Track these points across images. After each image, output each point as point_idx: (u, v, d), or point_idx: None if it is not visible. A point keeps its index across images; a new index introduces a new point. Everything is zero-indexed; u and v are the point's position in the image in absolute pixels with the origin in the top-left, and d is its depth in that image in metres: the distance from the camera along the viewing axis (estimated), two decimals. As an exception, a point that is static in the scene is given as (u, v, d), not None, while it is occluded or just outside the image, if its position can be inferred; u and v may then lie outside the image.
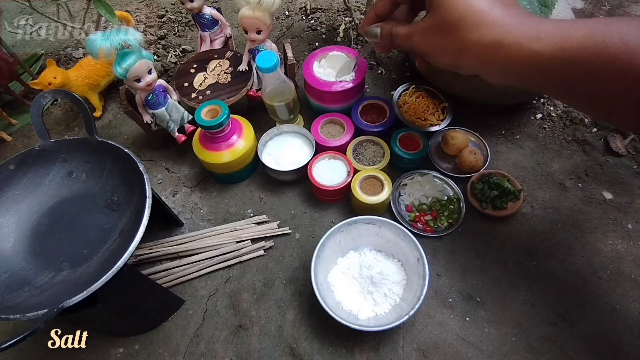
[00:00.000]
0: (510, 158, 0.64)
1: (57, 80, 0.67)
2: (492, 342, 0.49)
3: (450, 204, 0.58)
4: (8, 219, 0.46)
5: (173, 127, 0.63)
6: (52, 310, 0.35)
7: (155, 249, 0.58)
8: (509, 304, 0.52)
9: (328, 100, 0.65)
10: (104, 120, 0.75)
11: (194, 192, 0.65)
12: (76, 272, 0.43)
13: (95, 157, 0.50)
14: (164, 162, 0.69)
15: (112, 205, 0.48)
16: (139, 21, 0.89)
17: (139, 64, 0.54)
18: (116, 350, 0.52)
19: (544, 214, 0.59)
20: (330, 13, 0.90)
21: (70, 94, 0.49)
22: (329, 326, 0.51)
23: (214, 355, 0.51)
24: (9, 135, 0.75)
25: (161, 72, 0.80)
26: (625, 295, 0.51)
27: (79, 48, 0.86)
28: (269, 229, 0.59)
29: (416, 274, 0.50)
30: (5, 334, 0.55)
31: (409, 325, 0.51)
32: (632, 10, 0.84)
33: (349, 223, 0.53)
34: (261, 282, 0.56)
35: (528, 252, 0.56)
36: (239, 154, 0.59)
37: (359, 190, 0.56)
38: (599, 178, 0.62)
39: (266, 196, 0.64)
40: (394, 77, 0.77)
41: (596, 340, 0.49)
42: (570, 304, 0.51)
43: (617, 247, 0.55)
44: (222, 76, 0.66)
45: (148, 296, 0.50)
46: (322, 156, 0.61)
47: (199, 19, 0.69)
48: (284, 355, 0.50)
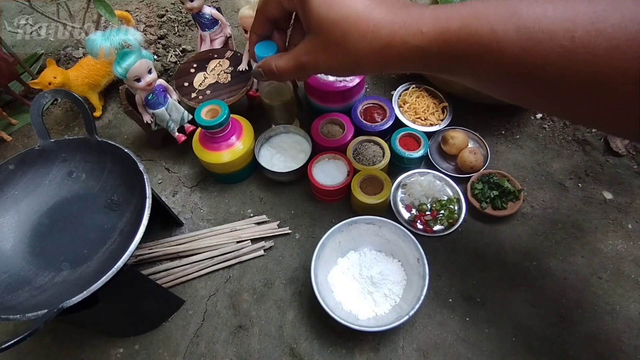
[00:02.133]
0: (510, 158, 0.64)
1: (57, 80, 0.67)
2: (492, 342, 0.49)
3: (450, 204, 0.58)
4: (8, 219, 0.46)
5: (173, 127, 0.63)
6: (52, 311, 0.35)
7: (155, 249, 0.58)
8: (509, 304, 0.52)
9: (328, 100, 0.65)
10: (104, 120, 0.75)
11: (194, 192, 0.65)
12: (76, 272, 0.43)
13: (95, 157, 0.50)
14: (164, 162, 0.69)
15: (112, 205, 0.48)
16: (139, 21, 0.89)
17: (139, 64, 0.54)
18: (116, 350, 0.52)
19: (544, 214, 0.59)
20: (330, 13, 0.90)
21: (70, 94, 0.49)
22: (329, 326, 0.51)
23: (214, 355, 0.51)
24: (9, 135, 0.75)
25: (161, 72, 0.80)
26: (625, 295, 0.51)
27: (79, 48, 0.86)
28: (269, 229, 0.59)
29: (416, 274, 0.50)
30: (5, 334, 0.55)
31: (409, 326, 0.51)
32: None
33: (349, 223, 0.53)
34: (261, 282, 0.56)
35: (528, 252, 0.56)
36: (239, 153, 0.59)
37: (359, 190, 0.56)
38: (599, 178, 0.62)
39: (266, 196, 0.64)
40: (394, 77, 0.77)
41: (596, 340, 0.49)
42: (570, 304, 0.51)
43: (617, 247, 0.55)
44: (222, 76, 0.66)
45: (148, 296, 0.50)
46: (322, 156, 0.61)
47: (199, 18, 0.69)
48: (284, 356, 0.50)
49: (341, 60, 0.35)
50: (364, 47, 0.33)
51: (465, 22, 0.29)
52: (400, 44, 0.32)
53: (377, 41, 0.32)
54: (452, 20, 0.30)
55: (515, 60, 0.27)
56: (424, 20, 0.31)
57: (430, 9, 0.31)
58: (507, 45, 0.27)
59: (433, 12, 0.31)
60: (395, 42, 0.32)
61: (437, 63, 0.32)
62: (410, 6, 0.33)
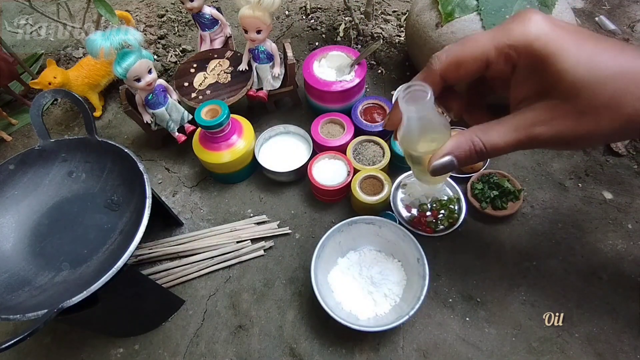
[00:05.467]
0: (510, 158, 0.64)
1: (57, 80, 0.67)
2: (492, 342, 0.49)
3: (450, 204, 0.58)
4: (8, 219, 0.46)
5: (173, 127, 0.63)
6: (52, 311, 0.35)
7: (155, 249, 0.58)
8: (509, 304, 0.52)
9: (328, 100, 0.65)
10: (104, 120, 0.75)
11: (194, 192, 0.65)
12: (76, 272, 0.43)
13: (95, 157, 0.50)
14: (164, 162, 0.69)
15: (112, 205, 0.48)
16: (139, 21, 0.89)
17: (138, 64, 0.54)
18: (116, 351, 0.52)
19: (544, 214, 0.59)
20: (330, 13, 0.90)
21: (70, 94, 0.49)
22: (329, 326, 0.51)
23: (214, 355, 0.51)
24: (9, 135, 0.75)
25: (161, 72, 0.80)
26: (625, 295, 0.51)
27: (79, 48, 0.86)
28: (269, 229, 0.59)
29: (416, 274, 0.50)
30: (5, 334, 0.55)
31: (409, 326, 0.51)
32: (632, 10, 0.84)
33: (349, 223, 0.53)
34: (261, 282, 0.56)
35: (528, 252, 0.56)
36: (239, 153, 0.59)
37: (359, 190, 0.56)
38: (599, 178, 0.61)
39: (266, 196, 0.64)
40: (394, 76, 0.77)
41: (596, 340, 0.49)
42: (570, 304, 0.51)
43: (617, 247, 0.55)
44: (222, 76, 0.66)
45: (148, 296, 0.50)
46: (322, 156, 0.61)
47: (199, 18, 0.69)
48: (284, 356, 0.50)
49: (609, 125, 0.30)
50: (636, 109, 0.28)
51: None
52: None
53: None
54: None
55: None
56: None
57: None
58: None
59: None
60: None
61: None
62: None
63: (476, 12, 0.58)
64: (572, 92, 0.29)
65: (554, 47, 0.30)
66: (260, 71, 0.65)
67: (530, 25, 0.31)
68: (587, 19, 0.85)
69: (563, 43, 0.30)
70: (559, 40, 0.30)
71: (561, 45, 0.29)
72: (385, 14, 0.88)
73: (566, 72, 0.29)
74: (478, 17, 0.58)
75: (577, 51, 0.29)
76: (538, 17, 0.31)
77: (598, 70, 0.28)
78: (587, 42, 0.30)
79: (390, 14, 0.89)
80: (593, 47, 0.29)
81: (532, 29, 0.30)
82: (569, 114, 0.30)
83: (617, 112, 0.29)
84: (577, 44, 0.30)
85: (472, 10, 0.59)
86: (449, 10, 0.60)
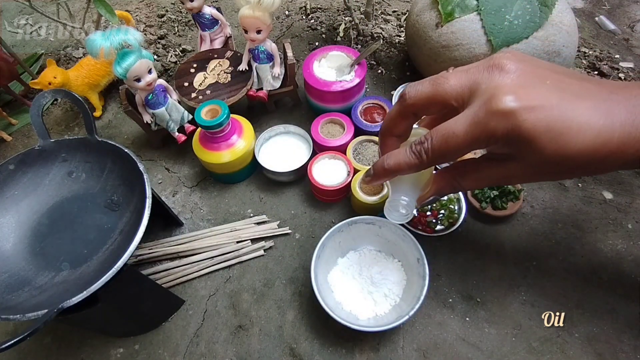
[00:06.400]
0: (510, 158, 0.64)
1: (57, 80, 0.67)
2: (492, 342, 0.49)
3: (450, 204, 0.58)
4: (8, 219, 0.46)
5: (173, 127, 0.63)
6: (52, 311, 0.35)
7: (155, 249, 0.58)
8: (509, 304, 0.52)
9: (328, 100, 0.65)
10: (104, 120, 0.75)
11: (194, 192, 0.65)
12: (76, 272, 0.43)
13: (95, 157, 0.50)
14: (164, 162, 0.69)
15: (112, 205, 0.48)
16: (139, 21, 0.89)
17: (138, 64, 0.54)
18: (116, 351, 0.52)
19: (544, 214, 0.59)
20: (330, 13, 0.90)
21: (70, 94, 0.49)
22: (329, 326, 0.51)
23: (214, 355, 0.51)
24: (9, 135, 0.74)
25: (161, 72, 0.80)
26: (625, 295, 0.51)
27: (79, 48, 0.86)
28: (269, 229, 0.59)
29: (416, 274, 0.50)
30: (5, 334, 0.55)
31: (409, 326, 0.51)
32: (631, 10, 0.84)
33: (349, 223, 0.53)
34: (261, 282, 0.56)
35: (528, 252, 0.56)
36: (239, 153, 0.59)
37: (359, 190, 0.56)
38: (599, 178, 0.61)
39: (266, 196, 0.64)
40: (394, 76, 0.77)
41: (596, 340, 0.49)
42: (570, 304, 0.51)
43: (617, 247, 0.55)
44: (222, 76, 0.66)
45: (148, 296, 0.50)
46: (322, 156, 0.61)
47: (199, 18, 0.69)
48: (284, 356, 0.50)
49: (559, 171, 0.34)
50: (592, 159, 0.31)
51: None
52: (629, 152, 0.30)
53: (609, 145, 0.30)
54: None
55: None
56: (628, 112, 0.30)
57: (622, 94, 0.31)
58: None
59: (626, 99, 0.30)
60: (623, 150, 0.30)
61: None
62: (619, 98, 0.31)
63: (476, 12, 0.58)
64: (540, 163, 0.32)
65: (527, 134, 0.30)
66: (260, 71, 0.65)
67: (500, 98, 0.31)
68: (587, 19, 0.85)
69: (535, 125, 0.30)
70: (532, 122, 0.30)
71: (533, 126, 0.30)
72: (385, 14, 0.88)
73: (540, 152, 0.31)
74: (478, 17, 0.58)
75: (548, 130, 0.30)
76: (508, 85, 0.31)
77: (567, 149, 0.30)
78: (556, 107, 0.30)
79: (390, 14, 0.89)
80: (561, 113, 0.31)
81: (500, 104, 0.30)
82: (529, 169, 0.34)
83: (573, 171, 0.33)
84: (547, 119, 0.30)
85: (472, 10, 0.59)
86: (449, 10, 0.60)
